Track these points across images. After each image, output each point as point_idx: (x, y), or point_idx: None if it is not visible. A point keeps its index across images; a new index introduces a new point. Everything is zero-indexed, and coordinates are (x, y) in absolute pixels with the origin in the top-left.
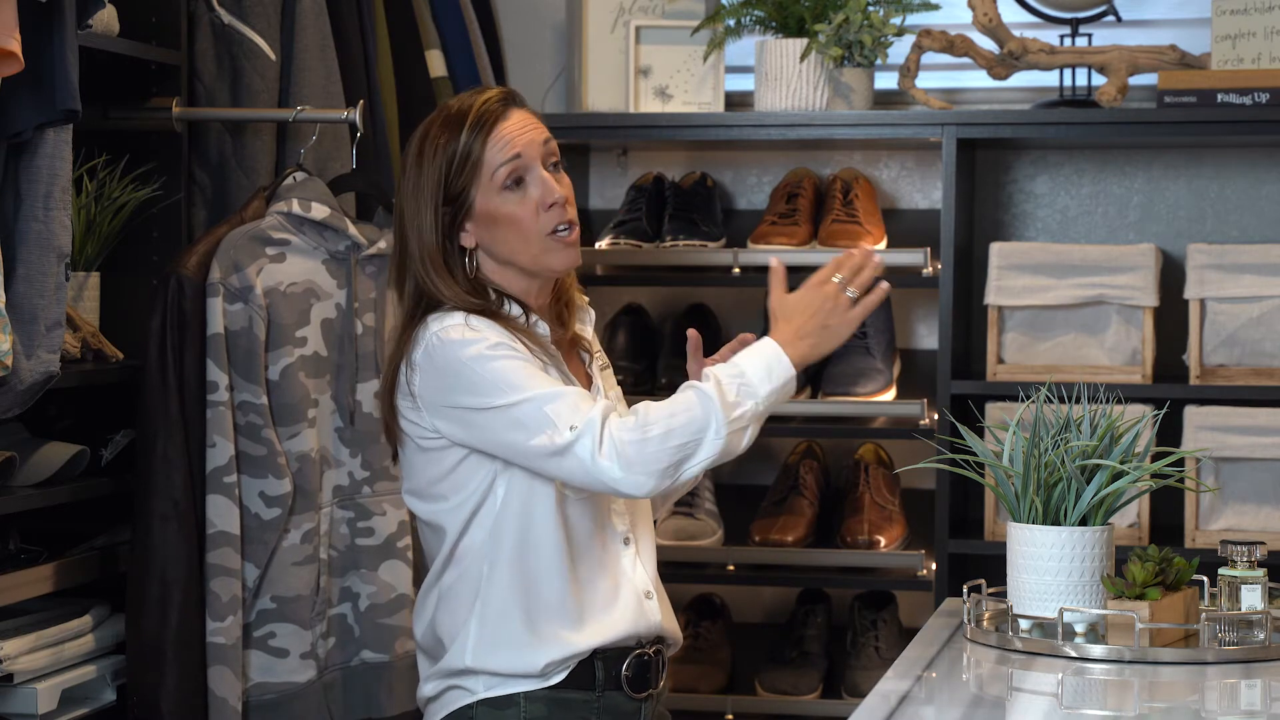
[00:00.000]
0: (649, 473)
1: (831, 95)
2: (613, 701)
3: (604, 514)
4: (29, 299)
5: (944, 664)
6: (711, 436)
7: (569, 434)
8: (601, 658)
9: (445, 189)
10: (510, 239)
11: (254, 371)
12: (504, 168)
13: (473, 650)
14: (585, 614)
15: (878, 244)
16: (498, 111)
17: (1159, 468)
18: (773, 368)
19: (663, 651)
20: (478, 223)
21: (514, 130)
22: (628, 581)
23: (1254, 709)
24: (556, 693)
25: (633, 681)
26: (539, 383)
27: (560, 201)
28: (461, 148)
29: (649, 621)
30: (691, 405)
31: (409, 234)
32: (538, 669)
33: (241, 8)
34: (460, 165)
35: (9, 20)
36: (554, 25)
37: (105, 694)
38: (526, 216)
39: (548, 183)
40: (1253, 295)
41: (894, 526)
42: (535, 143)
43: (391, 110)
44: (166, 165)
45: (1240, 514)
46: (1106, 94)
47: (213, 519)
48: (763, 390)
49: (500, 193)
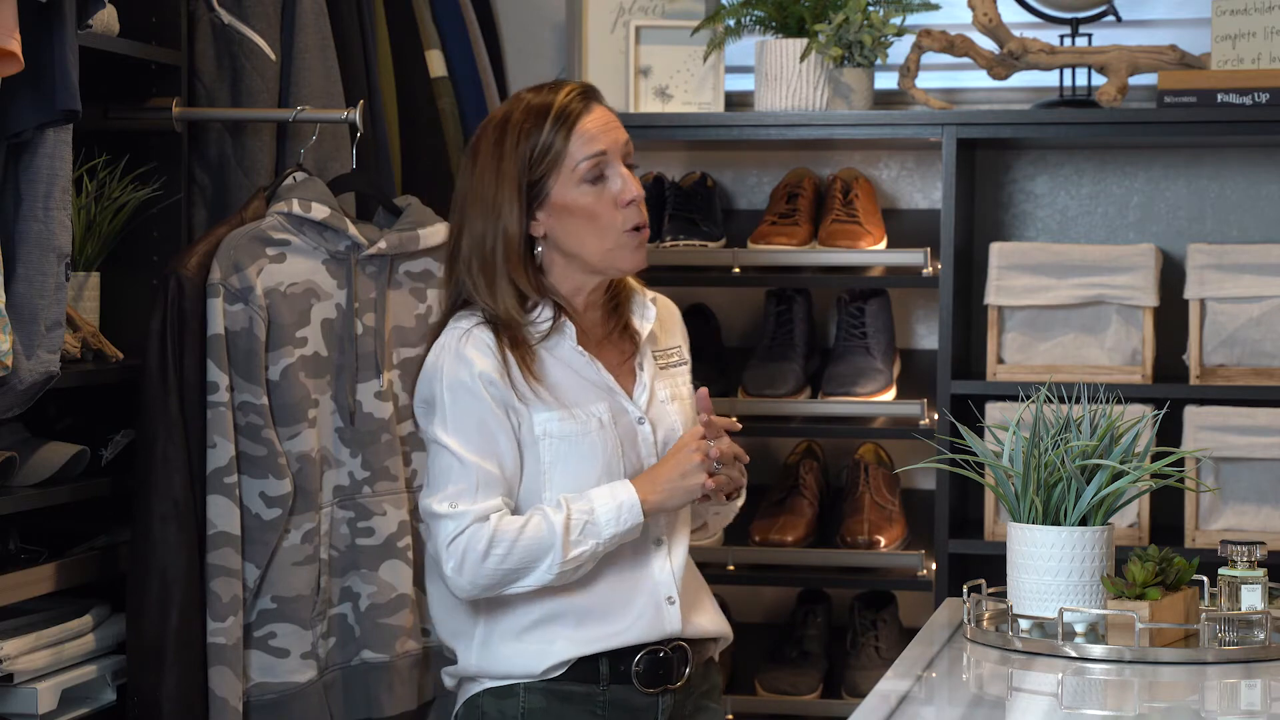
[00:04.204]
0: (475, 585)
1: (831, 95)
2: (620, 695)
3: None
4: (29, 299)
5: (944, 664)
6: (543, 571)
7: (445, 508)
8: (608, 656)
9: (527, 176)
10: (583, 232)
11: (254, 372)
12: (587, 161)
13: (477, 656)
14: (594, 619)
15: (878, 244)
16: (581, 105)
17: (1159, 468)
18: (623, 513)
19: (685, 650)
20: (550, 213)
21: (598, 126)
22: (650, 585)
23: (1254, 709)
24: (556, 685)
25: (643, 677)
26: (472, 448)
27: (638, 200)
28: (544, 138)
29: (665, 627)
30: (539, 537)
31: (471, 220)
32: (538, 673)
33: (241, 8)
34: (542, 155)
35: (9, 20)
36: (554, 25)
37: (105, 694)
38: (604, 211)
39: (628, 180)
40: (1253, 295)
41: (894, 526)
42: (618, 141)
43: (391, 110)
44: (166, 165)
45: (1240, 514)
46: (1106, 94)
47: (213, 519)
48: (607, 533)
49: (579, 185)
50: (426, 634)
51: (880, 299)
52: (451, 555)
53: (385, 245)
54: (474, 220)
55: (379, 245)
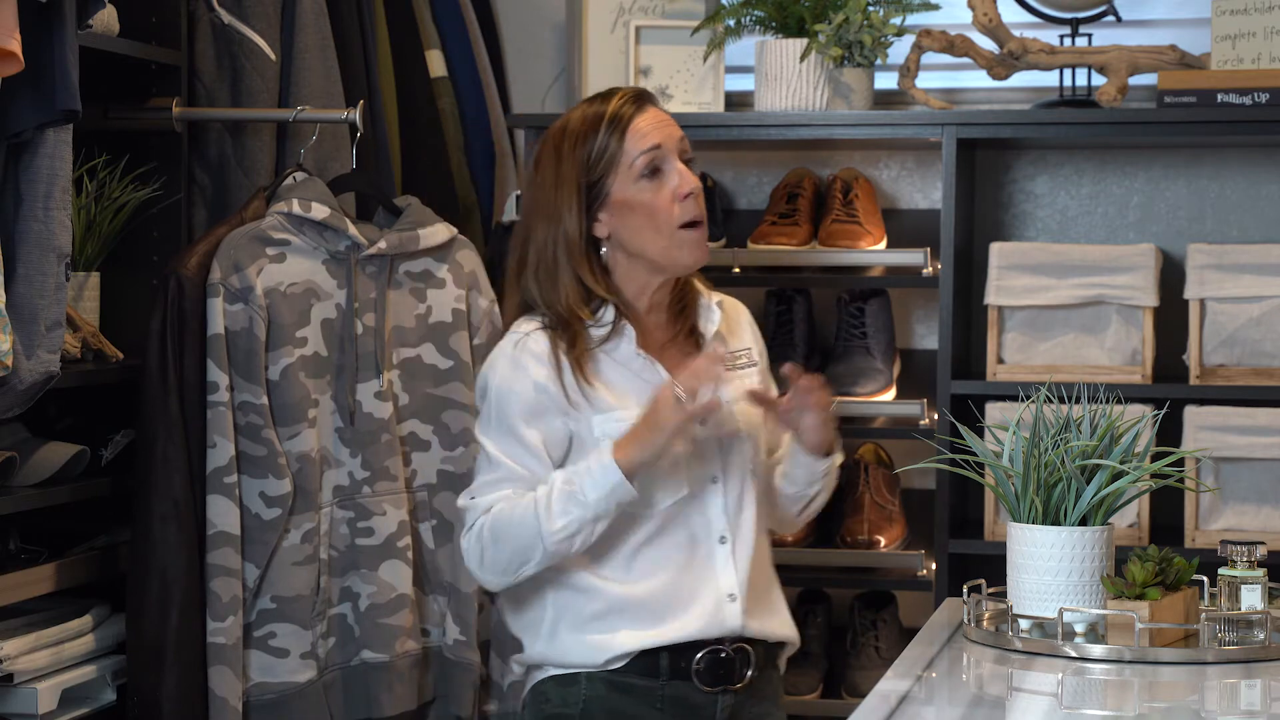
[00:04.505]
0: (493, 575)
1: (831, 95)
2: (679, 691)
3: (702, 514)
4: (29, 299)
5: (944, 664)
6: (540, 555)
7: (465, 500)
8: (668, 651)
9: (586, 178)
10: (644, 228)
11: (254, 371)
12: (643, 157)
13: (544, 645)
14: (655, 614)
15: (878, 244)
16: (634, 108)
17: (1159, 468)
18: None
19: (748, 651)
20: (612, 211)
21: (651, 124)
22: (712, 582)
23: (1254, 709)
24: (618, 676)
25: (704, 675)
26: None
27: (695, 193)
28: (600, 140)
29: (725, 625)
30: (526, 522)
31: (535, 229)
32: (599, 663)
33: (241, 8)
34: (599, 157)
35: (9, 20)
36: (554, 25)
37: (105, 694)
38: (662, 205)
39: (685, 174)
40: (1253, 295)
41: (894, 526)
42: (673, 136)
43: (391, 110)
44: (166, 165)
45: (1240, 514)
46: (1106, 94)
47: (213, 519)
48: (593, 497)
49: (637, 181)
50: (426, 634)
51: (880, 299)
52: (470, 553)
53: (385, 245)
54: (537, 228)
55: (379, 245)
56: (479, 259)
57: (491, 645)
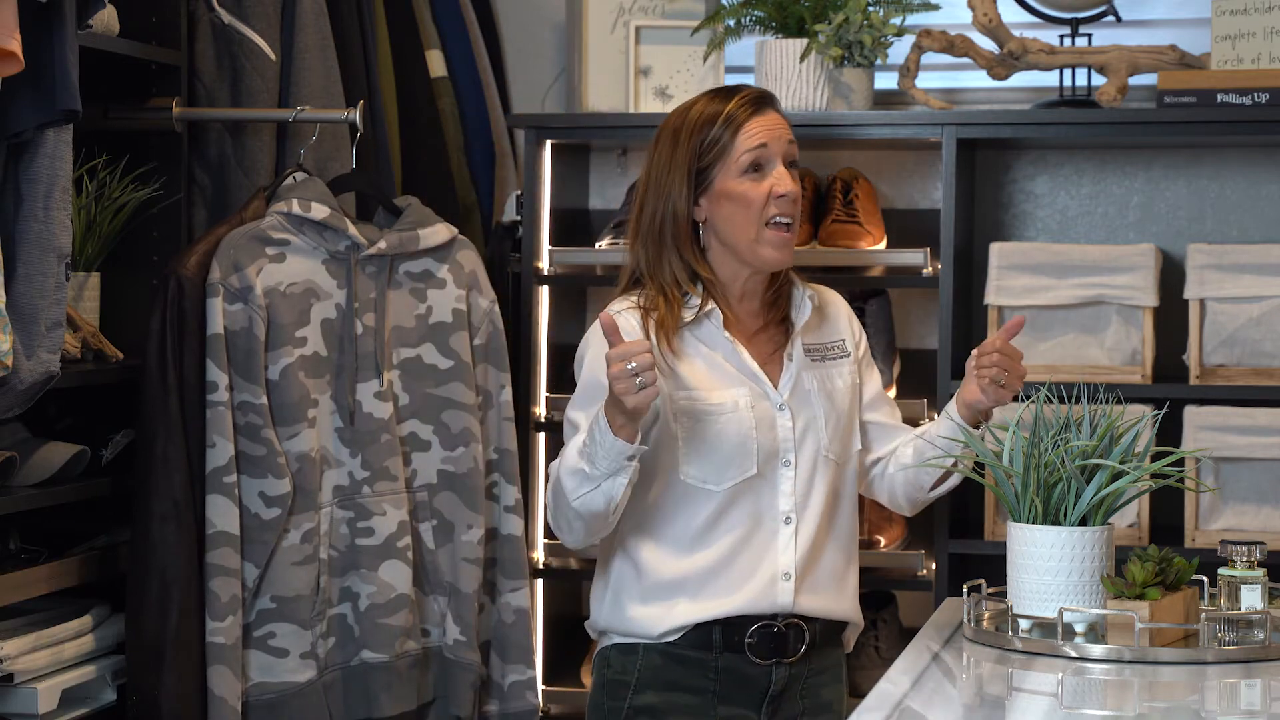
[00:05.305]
0: (562, 533)
1: (831, 95)
2: (732, 663)
3: (770, 494)
4: (29, 299)
5: (944, 664)
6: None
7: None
8: (721, 625)
9: (696, 164)
10: (735, 219)
11: (254, 371)
12: (749, 154)
13: (608, 613)
14: (712, 588)
15: (878, 244)
16: (752, 109)
17: (1159, 468)
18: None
19: (802, 627)
20: (711, 199)
21: (764, 125)
22: (770, 560)
23: (1254, 709)
24: (674, 648)
25: (756, 649)
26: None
27: (790, 196)
28: (714, 132)
29: (776, 602)
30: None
31: (648, 201)
32: (656, 635)
33: (241, 8)
34: (710, 146)
35: (9, 20)
36: (554, 25)
37: (105, 694)
38: (756, 200)
39: (784, 175)
40: (1253, 295)
41: (894, 526)
42: (781, 139)
43: (391, 110)
44: (166, 165)
45: (1240, 514)
46: (1106, 94)
47: (212, 519)
48: (599, 454)
49: (739, 175)
50: (426, 634)
51: (880, 299)
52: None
53: (385, 245)
54: (650, 201)
55: (379, 245)
56: (479, 259)
57: (491, 645)
